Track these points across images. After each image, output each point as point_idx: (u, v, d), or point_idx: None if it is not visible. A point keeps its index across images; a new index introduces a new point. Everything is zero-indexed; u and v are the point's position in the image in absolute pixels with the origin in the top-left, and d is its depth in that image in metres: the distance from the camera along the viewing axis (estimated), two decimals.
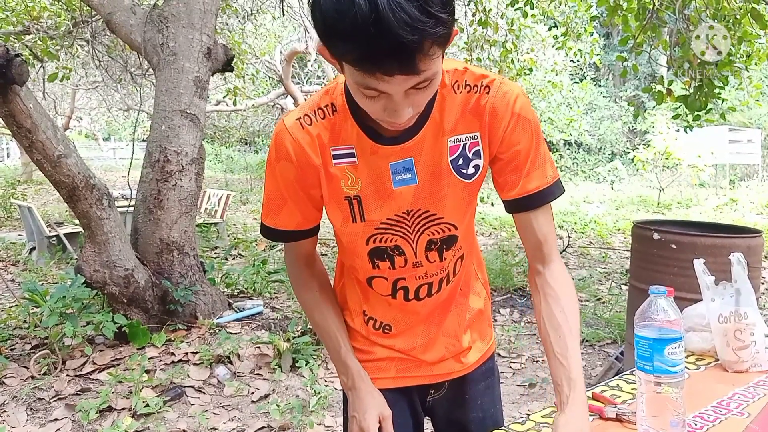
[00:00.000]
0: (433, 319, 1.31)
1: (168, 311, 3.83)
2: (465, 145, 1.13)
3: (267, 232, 1.25)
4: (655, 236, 3.16)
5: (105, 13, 4.27)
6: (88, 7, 4.75)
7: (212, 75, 4.35)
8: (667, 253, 3.13)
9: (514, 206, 1.19)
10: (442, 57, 0.93)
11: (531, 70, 9.78)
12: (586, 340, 4.26)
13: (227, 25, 10.67)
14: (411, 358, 1.34)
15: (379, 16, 0.78)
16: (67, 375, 3.43)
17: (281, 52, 13.88)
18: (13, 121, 3.02)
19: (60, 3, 7.84)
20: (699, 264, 1.50)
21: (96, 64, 8.57)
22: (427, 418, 1.44)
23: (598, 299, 5.35)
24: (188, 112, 3.99)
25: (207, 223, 7.64)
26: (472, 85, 1.11)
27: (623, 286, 5.80)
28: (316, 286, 1.33)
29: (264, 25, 14.19)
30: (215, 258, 6.62)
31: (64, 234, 6.47)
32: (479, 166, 1.15)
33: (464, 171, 1.15)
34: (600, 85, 22.46)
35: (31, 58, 7.84)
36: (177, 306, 3.81)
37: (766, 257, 6.56)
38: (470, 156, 1.14)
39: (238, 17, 10.96)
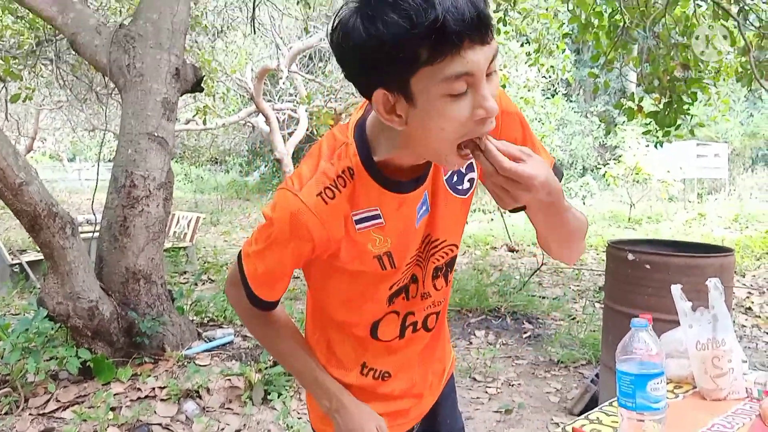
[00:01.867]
0: (427, 351, 1.30)
1: (134, 344, 3.70)
2: None
3: (258, 302, 1.16)
4: (630, 257, 3.14)
5: (69, 33, 4.16)
6: (52, 26, 4.65)
7: (181, 95, 4.27)
8: (642, 273, 3.11)
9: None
10: None
11: (504, 86, 9.85)
12: (561, 362, 4.23)
13: (196, 42, 10.58)
14: (402, 411, 1.30)
15: None
16: (30, 414, 3.27)
17: (252, 70, 13.79)
18: None
19: (23, 21, 7.69)
20: (676, 290, 1.50)
21: (60, 84, 8.41)
22: None
23: (572, 318, 5.33)
24: (156, 134, 3.89)
25: (176, 248, 7.49)
26: None
27: (597, 304, 5.80)
28: (274, 319, 1.23)
29: (235, 42, 14.10)
30: (184, 284, 6.47)
31: (27, 262, 6.28)
32: (473, 179, 1.11)
33: (459, 187, 1.11)
34: (571, 101, 22.72)
35: None
36: (144, 338, 3.68)
37: (735, 272, 6.62)
38: (463, 170, 1.11)
39: (208, 34, 10.88)
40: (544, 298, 6.09)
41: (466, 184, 1.12)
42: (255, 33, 10.16)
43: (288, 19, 12.93)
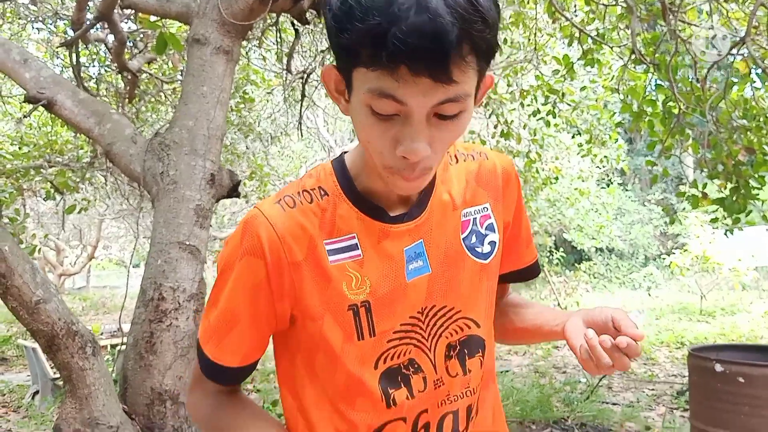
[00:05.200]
0: None
1: None
2: (475, 219, 0.97)
3: (204, 366, 0.95)
4: (718, 368, 2.70)
5: (105, 144, 4.12)
6: (89, 138, 4.66)
7: (217, 202, 4.12)
8: (734, 389, 2.65)
9: (512, 278, 1.09)
10: (477, 85, 0.80)
11: (557, 178, 9.60)
12: None
13: (248, 149, 10.81)
14: None
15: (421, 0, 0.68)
16: None
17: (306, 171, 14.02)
18: None
19: (83, 136, 7.93)
20: None
21: (109, 194, 8.59)
22: None
23: (649, 429, 4.74)
24: (187, 243, 3.71)
25: None
26: (467, 154, 1.01)
27: (676, 412, 5.21)
28: (235, 408, 1.01)
29: (289, 147, 14.41)
30: None
31: None
32: (495, 243, 0.98)
33: (479, 250, 0.97)
34: (627, 189, 22.22)
35: (53, 191, 7.86)
36: None
37: None
38: (483, 231, 0.98)
39: (262, 140, 11.12)
40: (615, 404, 5.53)
41: (487, 247, 0.97)
42: (302, 137, 10.30)
43: (341, 122, 13.20)
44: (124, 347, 4.68)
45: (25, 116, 4.76)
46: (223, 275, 0.90)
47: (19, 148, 8.23)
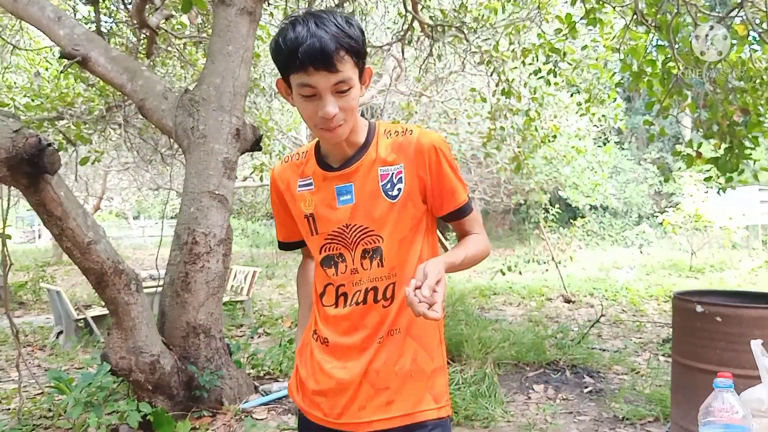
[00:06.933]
0: (366, 350, 1.47)
1: (193, 397, 3.74)
2: (392, 174, 1.46)
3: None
4: (698, 309, 3.03)
5: (138, 99, 4.36)
6: (121, 93, 4.87)
7: (241, 155, 4.38)
8: (712, 327, 2.98)
9: (449, 218, 1.53)
10: (359, 74, 1.36)
11: (555, 136, 9.78)
12: (626, 419, 4.03)
13: (254, 104, 10.92)
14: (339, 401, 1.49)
15: (312, 32, 1.25)
16: None
17: (306, 127, 14.14)
18: (44, 209, 3.04)
19: (94, 89, 8.08)
20: (756, 345, 1.44)
21: (128, 147, 8.73)
22: None
23: (635, 372, 5.13)
24: (217, 193, 4.00)
25: (233, 301, 7.57)
26: (400, 131, 1.50)
27: (662, 357, 5.58)
28: (301, 267, 1.76)
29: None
30: (241, 337, 6.53)
31: (92, 317, 6.44)
32: (401, 189, 1.46)
33: (390, 193, 1.46)
34: (623, 148, 22.42)
35: (65, 142, 8.05)
36: (202, 392, 3.72)
37: None
38: (395, 182, 1.46)
39: (265, 96, 11.24)
40: (604, 350, 5.89)
41: (396, 192, 1.46)
42: None
43: None
44: (154, 290, 5.02)
45: (61, 72, 4.96)
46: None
47: (32, 100, 8.34)
